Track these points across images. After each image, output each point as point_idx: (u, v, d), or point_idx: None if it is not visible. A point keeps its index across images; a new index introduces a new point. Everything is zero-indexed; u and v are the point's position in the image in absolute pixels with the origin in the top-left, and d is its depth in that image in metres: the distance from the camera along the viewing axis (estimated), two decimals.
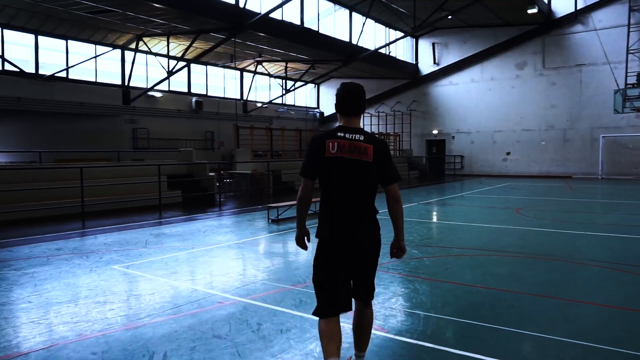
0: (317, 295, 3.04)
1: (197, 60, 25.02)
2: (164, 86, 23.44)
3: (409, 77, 30.39)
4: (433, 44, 29.69)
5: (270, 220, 10.32)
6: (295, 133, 22.14)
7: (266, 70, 28.54)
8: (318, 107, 34.87)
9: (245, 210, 12.66)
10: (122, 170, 13.43)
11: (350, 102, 3.05)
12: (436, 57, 29.65)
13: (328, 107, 34.24)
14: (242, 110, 27.92)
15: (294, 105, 32.91)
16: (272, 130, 19.89)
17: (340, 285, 2.99)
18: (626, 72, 21.49)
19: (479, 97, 27.90)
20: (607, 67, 24.08)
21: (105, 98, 20.54)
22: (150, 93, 22.31)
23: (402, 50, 30.71)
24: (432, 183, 22.58)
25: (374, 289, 3.15)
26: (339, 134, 2.98)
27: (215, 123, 25.74)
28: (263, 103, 28.73)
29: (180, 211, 12.45)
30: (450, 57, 29.10)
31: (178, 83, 24.72)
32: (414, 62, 30.49)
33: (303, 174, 3.05)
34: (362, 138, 2.97)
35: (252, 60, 26.94)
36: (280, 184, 18.35)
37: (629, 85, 21.27)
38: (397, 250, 3.16)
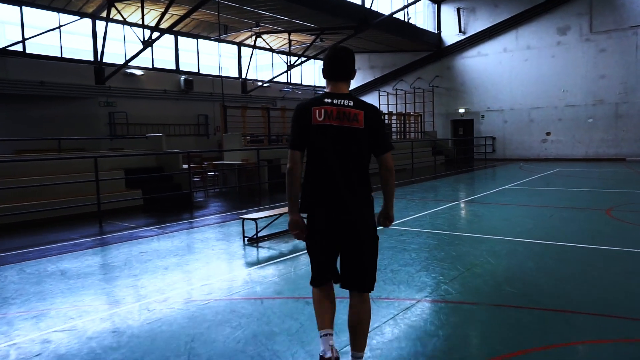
0: (311, 264, 2.98)
1: (186, 33, 21.84)
2: (146, 63, 20.19)
3: (430, 48, 26.64)
4: (458, 9, 25.84)
5: (246, 239, 7.03)
6: None
7: (267, 44, 25.10)
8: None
9: (224, 218, 9.41)
10: (50, 166, 10.12)
11: (337, 65, 2.88)
12: (462, 25, 25.82)
13: None
14: (240, 90, 24.62)
15: (300, 84, 29.46)
16: (269, 110, 16.53)
17: (332, 257, 2.94)
18: None
19: (513, 69, 24.08)
20: None
21: (74, 77, 17.36)
22: (129, 71, 19.08)
23: (422, 18, 26.92)
24: (462, 171, 19.03)
25: (373, 279, 2.92)
26: (325, 100, 2.82)
27: (210, 105, 22.47)
28: (264, 82, 25.33)
29: (132, 220, 9.26)
30: (478, 24, 25.26)
31: (164, 61, 21.45)
32: (436, 32, 26.70)
33: (290, 146, 2.83)
34: (351, 104, 2.82)
35: (249, 33, 23.51)
36: (277, 178, 15.07)
37: None
38: (385, 219, 3.05)
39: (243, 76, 24.97)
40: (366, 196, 2.86)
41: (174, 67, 21.77)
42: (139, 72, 19.53)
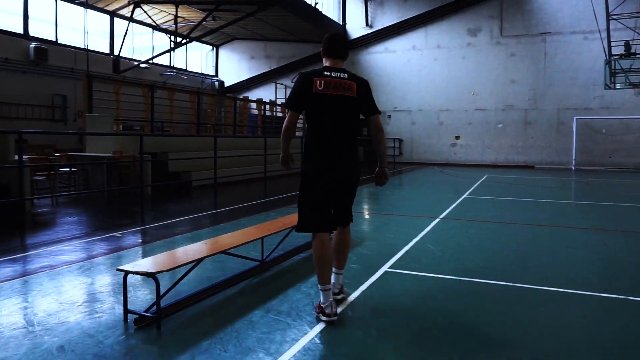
0: (310, 213, 3.39)
1: None
2: None
3: None
4: (366, 2, 23.84)
5: (132, 319, 3.36)
6: (191, 97, 14.85)
7: (149, 17, 20.63)
8: (217, 75, 27.48)
9: (84, 252, 5.61)
10: None
11: (336, 45, 3.47)
12: (369, 18, 23.87)
13: (229, 74, 27.01)
14: (111, 69, 19.85)
15: (185, 70, 25.23)
16: (153, 88, 12.48)
17: (331, 203, 3.47)
18: (609, 41, 17.27)
19: (423, 68, 22.65)
20: (577, 37, 20.09)
21: None
22: None
23: (327, 8, 24.45)
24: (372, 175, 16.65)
25: (351, 215, 3.60)
26: (325, 72, 3.35)
27: (70, 84, 17.50)
28: (142, 62, 20.78)
29: None
30: (386, 19, 23.49)
31: (7, 20, 16.09)
32: (342, 23, 24.43)
33: (290, 106, 3.38)
34: (345, 76, 3.37)
35: (125, 1, 18.99)
36: (166, 178, 11.24)
37: (614, 57, 17.18)
38: (380, 176, 3.61)
39: (116, 53, 20.18)
40: (356, 152, 3.48)
41: (20, 31, 16.46)
42: None
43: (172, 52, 22.36)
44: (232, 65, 27.16)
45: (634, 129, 19.68)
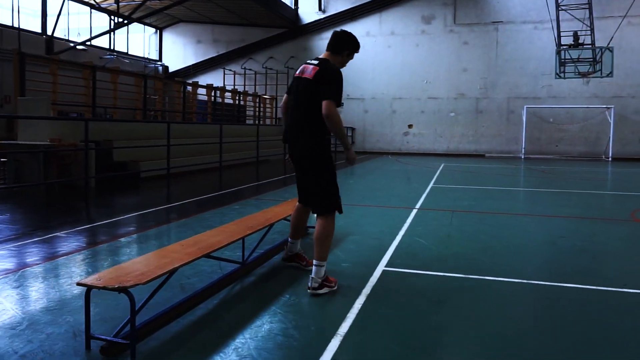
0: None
1: None
2: None
3: (285, 25, 23.45)
4: None
5: (95, 346, 2.69)
6: (136, 81, 13.64)
7: None
8: (160, 60, 25.94)
9: (19, 259, 4.72)
10: None
11: (330, 39, 3.63)
12: (322, 3, 23.22)
13: (174, 59, 25.59)
14: (44, 50, 18.09)
15: (127, 54, 23.59)
16: (95, 69, 11.23)
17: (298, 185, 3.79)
18: (558, 31, 17.62)
19: (377, 55, 22.33)
20: (528, 27, 20.44)
21: None
22: None
23: None
24: (339, 164, 16.20)
25: (323, 206, 3.46)
26: (307, 60, 3.66)
27: None
28: (79, 43, 19.11)
29: None
30: (340, 4, 22.94)
31: None
32: (294, 7, 23.63)
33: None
34: (315, 62, 3.50)
35: None
36: (111, 169, 10.19)
37: (563, 47, 17.55)
38: (346, 160, 3.61)
39: (49, 32, 18.40)
40: (313, 133, 3.46)
41: None
42: None
43: (112, 33, 20.79)
44: (177, 50, 25.72)
45: (578, 119, 20.35)
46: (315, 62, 3.49)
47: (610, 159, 19.29)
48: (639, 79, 19.64)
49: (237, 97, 20.52)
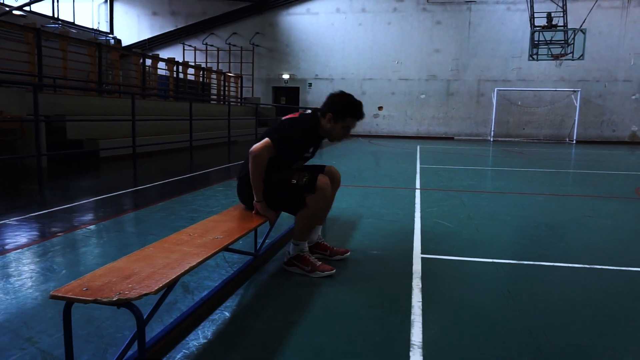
0: None
1: None
2: None
3: None
4: None
5: None
6: (90, 50, 12.22)
7: None
8: (112, 32, 24.08)
9: None
10: None
11: None
12: None
13: (127, 32, 23.80)
14: None
15: (73, 24, 21.66)
16: (39, 32, 9.80)
17: None
18: (532, 12, 17.41)
19: (347, 33, 21.53)
20: (501, 7, 20.15)
21: None
22: None
23: None
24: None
25: (293, 209, 3.14)
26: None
27: None
28: (15, 8, 17.22)
29: None
30: None
31: None
32: None
33: None
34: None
35: None
36: (64, 147, 8.99)
37: (537, 28, 17.36)
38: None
39: None
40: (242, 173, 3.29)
41: None
42: None
43: None
44: (131, 22, 23.92)
45: (545, 102, 20.38)
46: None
47: (574, 142, 19.46)
48: (604, 63, 19.82)
49: (201, 75, 19.25)
